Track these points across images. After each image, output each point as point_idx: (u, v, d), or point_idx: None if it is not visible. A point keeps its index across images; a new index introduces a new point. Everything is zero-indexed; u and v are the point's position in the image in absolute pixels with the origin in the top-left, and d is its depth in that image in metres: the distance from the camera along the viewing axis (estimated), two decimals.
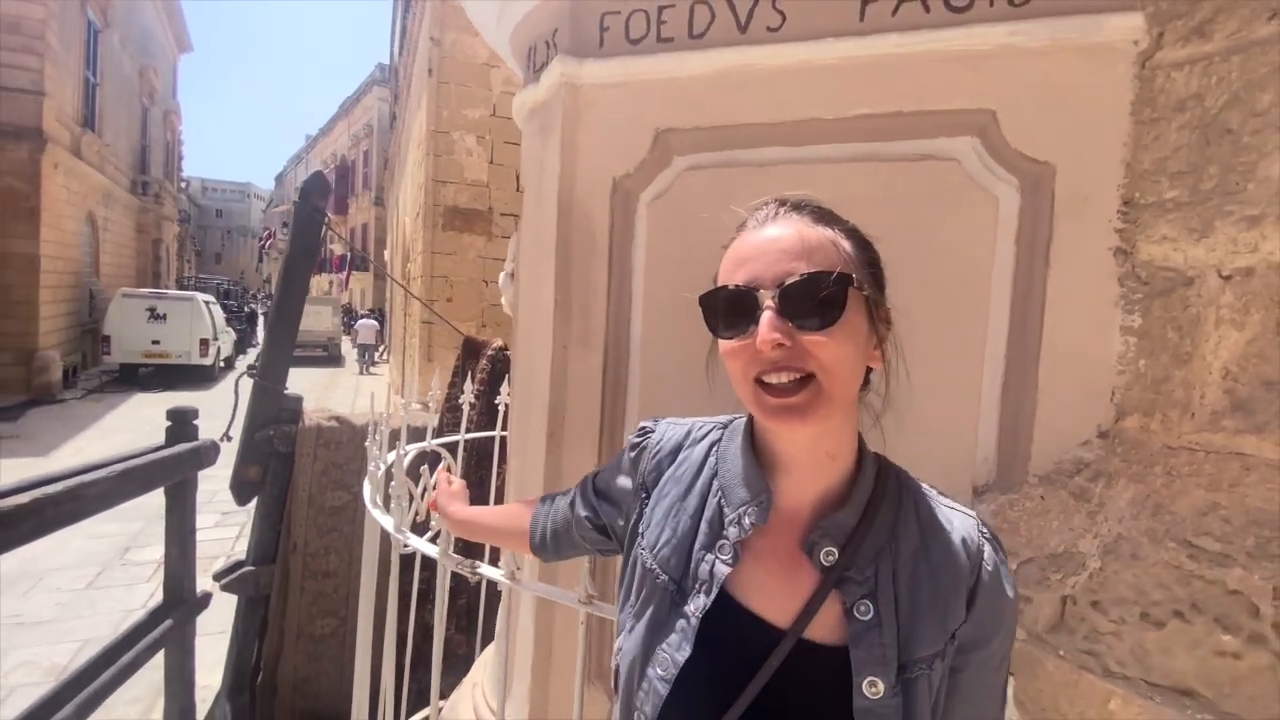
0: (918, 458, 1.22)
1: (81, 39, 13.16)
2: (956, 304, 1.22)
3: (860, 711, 0.57)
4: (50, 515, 1.32)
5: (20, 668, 3.39)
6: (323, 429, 2.66)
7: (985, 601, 0.61)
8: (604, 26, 1.43)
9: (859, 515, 0.62)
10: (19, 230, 10.86)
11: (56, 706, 1.49)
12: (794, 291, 0.57)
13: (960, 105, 1.20)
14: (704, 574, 0.64)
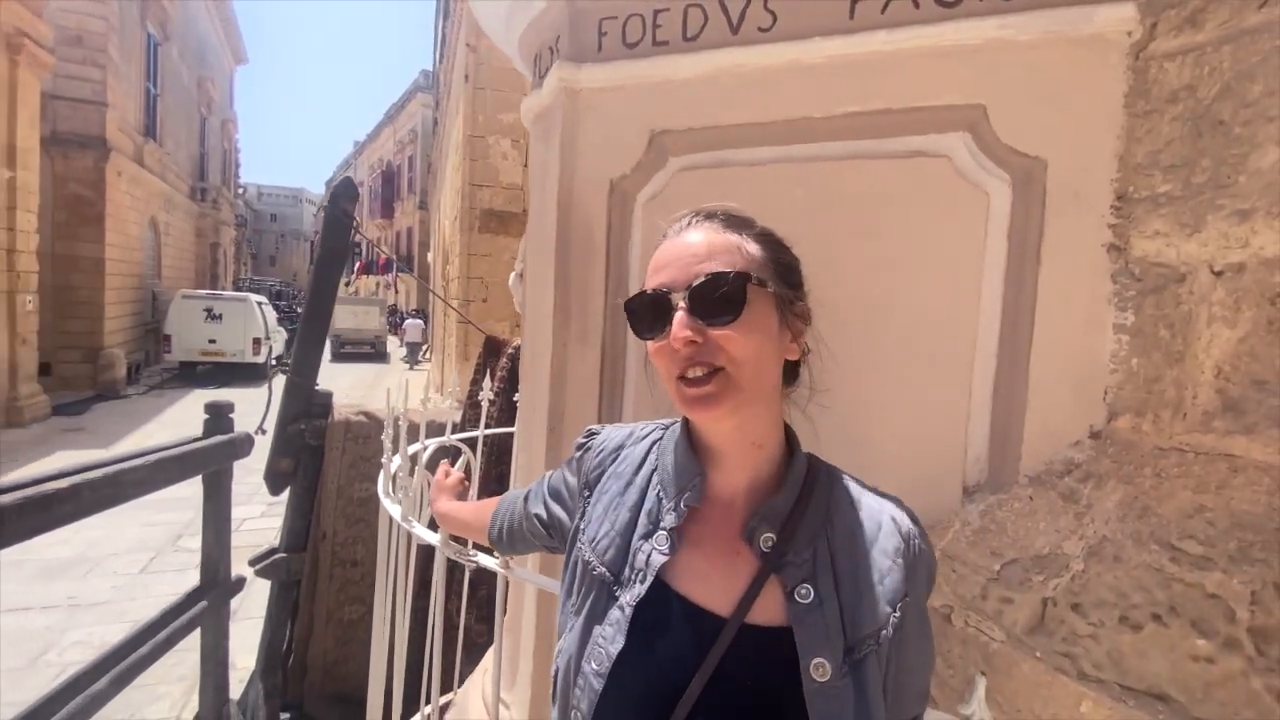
0: (908, 456, 1.23)
1: (142, 52, 13.91)
2: (947, 301, 1.21)
3: (811, 695, 0.57)
4: (87, 500, 1.43)
5: (76, 646, 3.63)
6: (351, 423, 2.78)
7: (921, 576, 0.65)
8: (602, 32, 1.47)
9: (794, 500, 0.64)
10: (86, 234, 11.55)
11: (95, 677, 1.60)
12: (700, 291, 0.61)
13: (950, 101, 1.19)
14: (640, 563, 0.65)
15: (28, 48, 8.69)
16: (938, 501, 1.22)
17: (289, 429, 2.52)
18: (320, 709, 2.69)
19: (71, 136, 11.34)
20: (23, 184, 8.90)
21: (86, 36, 11.36)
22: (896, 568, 0.62)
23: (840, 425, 1.24)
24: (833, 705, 0.57)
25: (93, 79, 11.56)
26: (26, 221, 9.11)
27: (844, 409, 1.26)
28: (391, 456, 1.73)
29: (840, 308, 1.25)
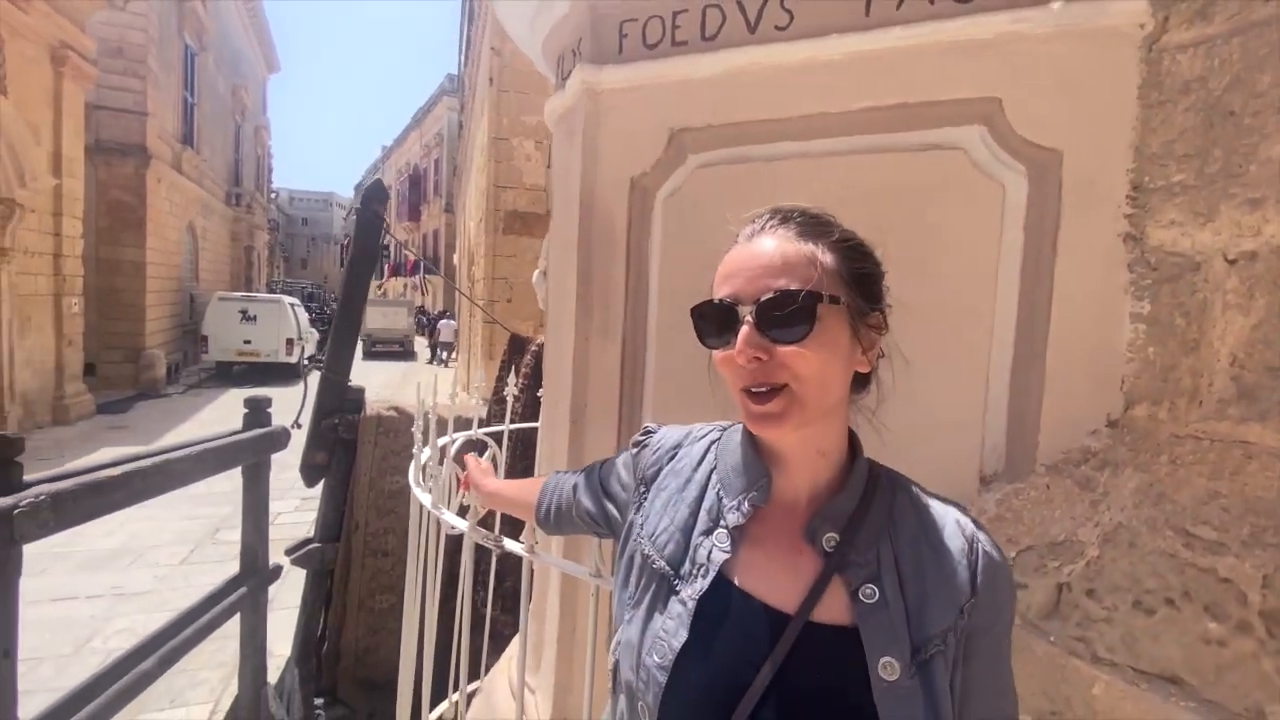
0: (924, 448, 1.24)
1: (180, 62, 14.37)
2: (964, 293, 1.23)
3: (880, 694, 0.56)
4: (138, 487, 1.52)
5: (121, 633, 3.79)
6: (382, 418, 2.87)
7: (989, 578, 0.62)
8: (623, 34, 1.51)
9: (857, 501, 0.64)
10: (128, 239, 11.98)
11: (141, 658, 1.70)
12: (768, 307, 0.59)
13: (965, 94, 1.21)
14: (701, 558, 0.65)
15: (72, 60, 9.05)
16: (955, 491, 1.22)
17: (323, 424, 2.62)
18: (352, 695, 2.78)
19: (114, 145, 11.77)
20: (69, 191, 9.27)
21: (127, 48, 11.78)
22: (961, 569, 0.61)
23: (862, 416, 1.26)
24: (903, 705, 0.56)
25: (133, 89, 11.98)
26: (72, 227, 9.49)
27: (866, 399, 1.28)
28: (422, 448, 1.79)
29: None
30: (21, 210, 7.92)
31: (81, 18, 9.25)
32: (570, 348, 1.64)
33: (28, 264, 8.48)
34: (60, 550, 4.56)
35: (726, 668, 0.60)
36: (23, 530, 1.15)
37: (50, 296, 9.11)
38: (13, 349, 8.09)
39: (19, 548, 1.18)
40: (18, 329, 8.21)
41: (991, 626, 0.62)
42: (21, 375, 8.34)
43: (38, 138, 8.43)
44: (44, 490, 1.21)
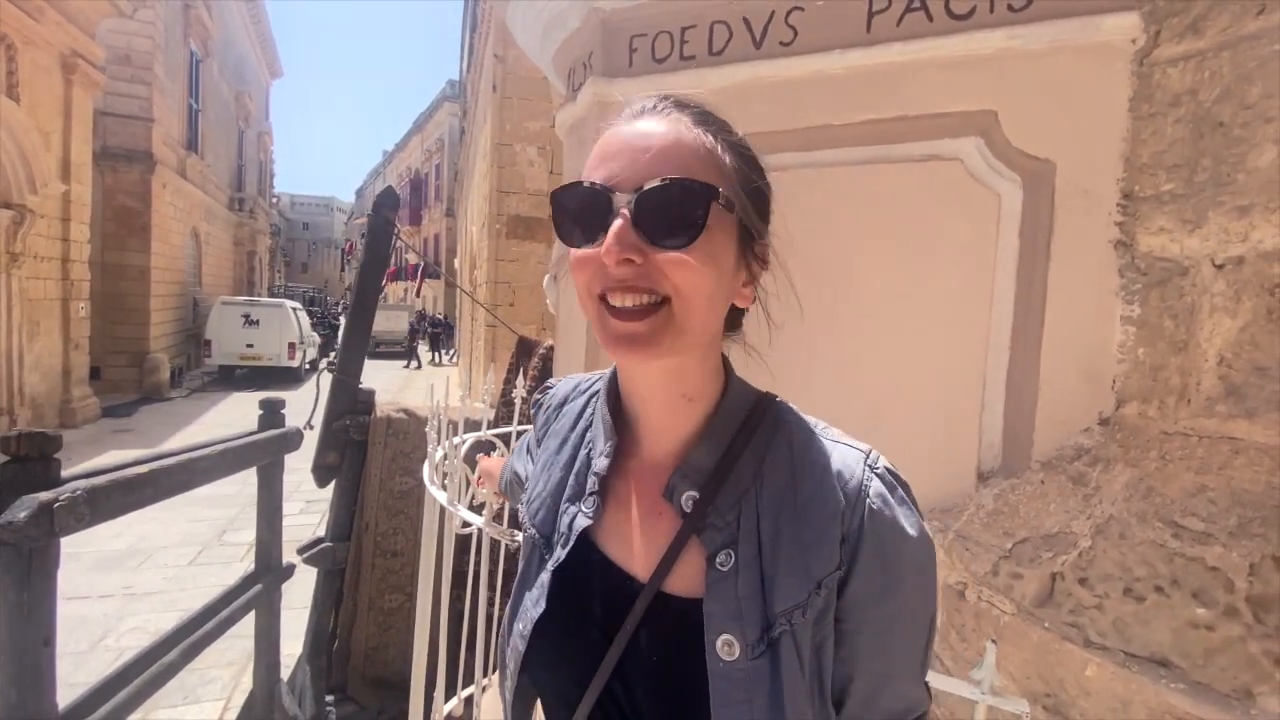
0: (923, 445, 1.30)
1: (185, 69, 14.48)
2: (961, 297, 1.28)
3: (715, 675, 0.49)
4: (165, 484, 1.57)
5: (132, 632, 3.84)
6: (392, 420, 2.92)
7: (872, 545, 0.52)
8: (633, 49, 1.56)
9: (719, 454, 0.55)
10: (133, 244, 12.05)
11: (166, 650, 1.74)
12: (653, 198, 0.48)
13: (962, 107, 1.26)
14: (564, 526, 0.60)
15: (81, 68, 9.14)
16: (954, 486, 1.28)
17: (335, 425, 2.67)
18: (362, 692, 2.82)
19: (120, 151, 11.86)
20: (76, 197, 9.35)
21: (134, 55, 11.87)
22: (829, 533, 0.51)
23: (860, 415, 1.31)
24: (736, 688, 0.49)
25: (140, 96, 12.07)
26: (80, 233, 9.56)
27: (864, 396, 1.34)
28: (436, 447, 1.84)
29: (859, 303, 1.33)
30: (32, 216, 7.99)
31: (91, 26, 9.35)
32: (582, 350, 1.69)
33: (37, 269, 8.55)
34: (72, 551, 4.59)
35: (584, 639, 0.56)
36: (61, 523, 1.21)
37: (58, 301, 9.18)
38: (22, 353, 8.15)
39: (58, 540, 1.23)
40: (27, 333, 8.27)
41: (880, 602, 0.52)
42: (30, 379, 8.40)
43: (48, 144, 8.51)
44: (80, 485, 1.27)
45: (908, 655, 0.56)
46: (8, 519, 1.16)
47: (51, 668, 1.24)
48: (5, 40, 7.59)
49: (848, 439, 0.57)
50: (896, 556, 0.52)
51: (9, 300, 7.90)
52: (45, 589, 1.22)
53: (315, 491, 3.32)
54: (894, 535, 0.52)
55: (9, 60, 7.69)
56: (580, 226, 0.52)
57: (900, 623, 0.54)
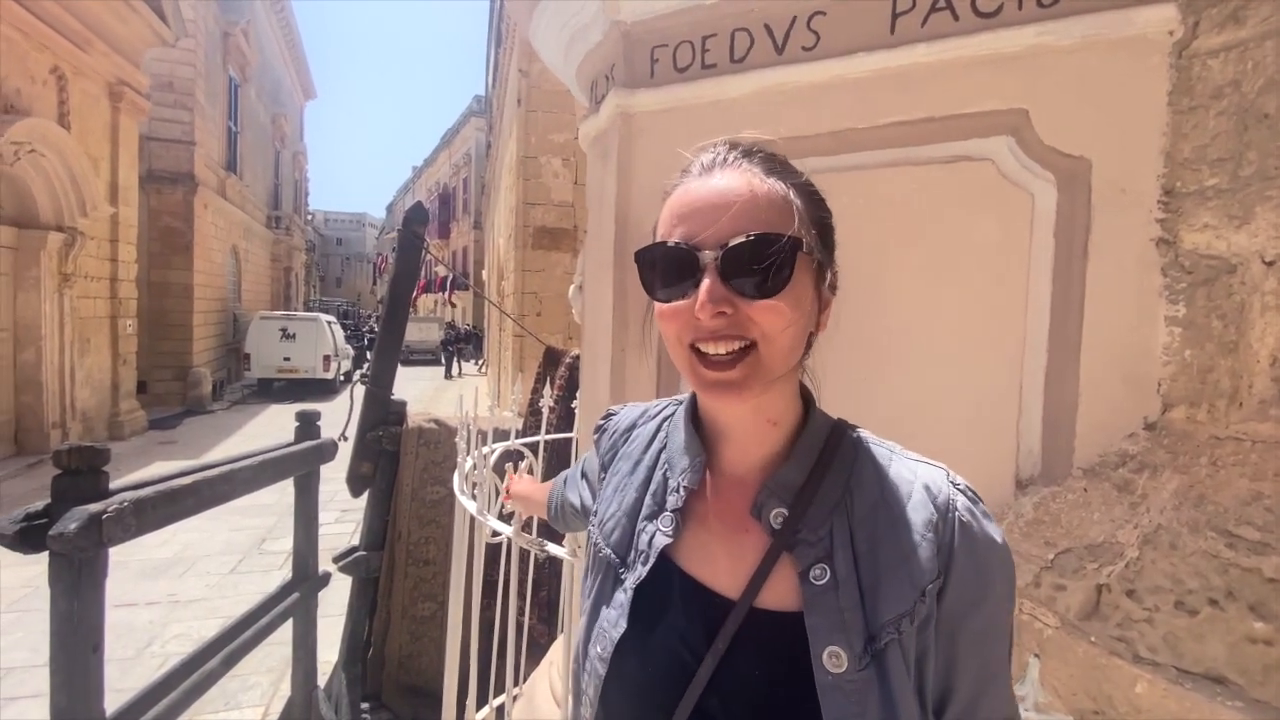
0: (959, 451, 1.26)
1: (224, 94, 15.04)
2: (994, 299, 1.25)
3: (823, 688, 0.50)
4: (207, 495, 1.62)
5: (176, 639, 3.95)
6: (423, 430, 2.96)
7: (965, 555, 0.54)
8: (654, 59, 1.57)
9: (807, 472, 0.57)
10: (177, 263, 12.52)
11: (208, 657, 1.79)
12: (739, 254, 0.51)
13: (992, 106, 1.24)
14: (643, 545, 0.61)
15: (128, 95, 9.56)
16: (991, 495, 1.24)
17: (368, 435, 2.72)
18: (396, 700, 2.85)
19: (164, 174, 12.35)
20: (124, 219, 9.76)
21: (177, 82, 12.38)
22: (926, 543, 0.53)
23: (893, 421, 1.29)
24: (849, 700, 0.50)
25: (182, 120, 12.57)
26: (127, 253, 9.97)
27: (896, 405, 1.31)
28: (466, 457, 1.86)
29: (889, 308, 1.31)
30: (83, 238, 8.37)
31: (137, 56, 9.78)
32: (608, 360, 1.70)
33: (87, 288, 8.93)
34: (120, 559, 4.77)
35: (667, 658, 0.56)
36: (110, 533, 1.25)
37: (107, 319, 9.57)
38: (73, 368, 8.51)
39: (106, 550, 1.27)
40: (78, 350, 8.64)
41: (976, 609, 0.54)
42: (81, 393, 8.76)
43: (97, 169, 8.91)
44: (127, 497, 1.31)
45: (1001, 662, 0.57)
46: (59, 530, 1.21)
47: (100, 674, 1.28)
48: (57, 71, 7.99)
49: (924, 458, 0.61)
50: (987, 565, 0.55)
51: (61, 318, 8.27)
52: (94, 598, 1.27)
53: (350, 501, 3.39)
54: (984, 545, 0.55)
55: (60, 90, 8.09)
56: (666, 283, 0.55)
57: (993, 630, 0.56)
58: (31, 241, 7.87)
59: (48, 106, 7.85)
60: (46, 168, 7.74)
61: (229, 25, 14.84)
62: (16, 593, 4.44)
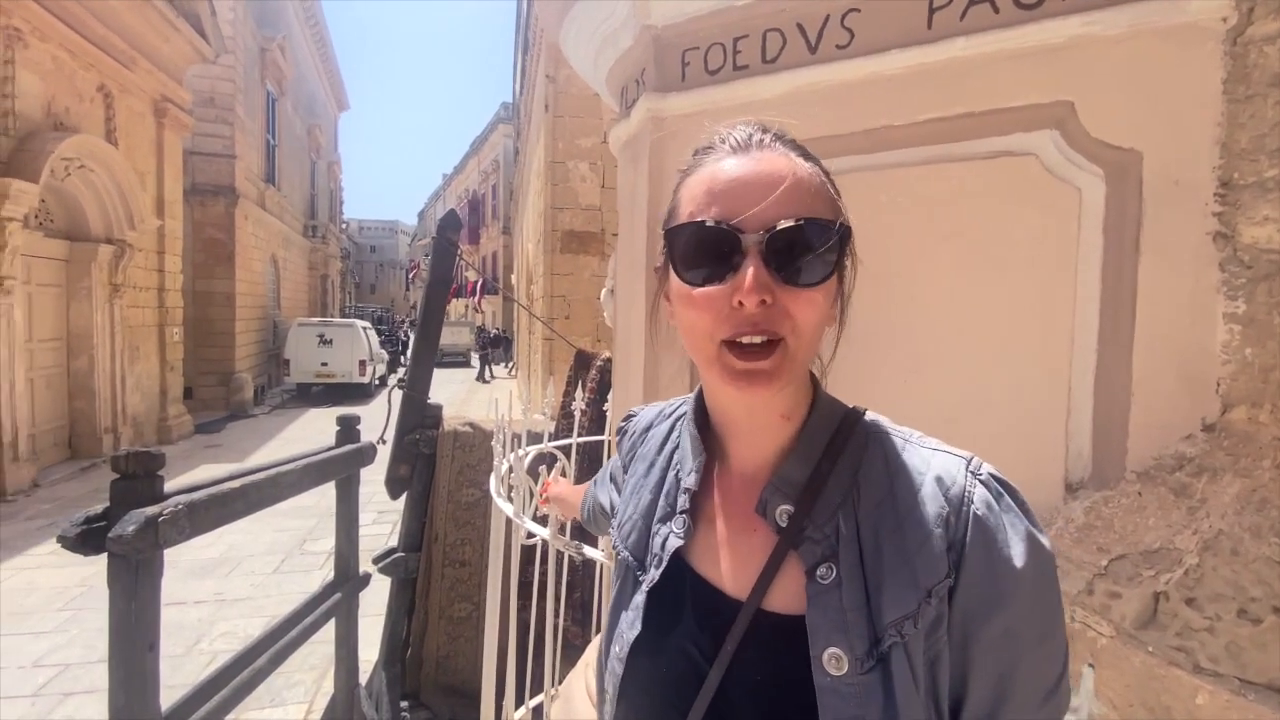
0: (1002, 453, 1.23)
1: (263, 108, 15.52)
2: (1040, 297, 1.22)
3: (822, 690, 0.48)
4: (254, 498, 1.67)
5: (223, 636, 4.09)
6: (458, 433, 3.01)
7: (979, 552, 0.50)
8: (685, 62, 1.57)
9: (813, 466, 0.55)
10: (219, 272, 12.95)
11: (256, 656, 1.84)
12: (786, 239, 0.49)
13: (1035, 100, 1.21)
14: (657, 547, 0.60)
15: (171, 112, 9.93)
16: (1038, 499, 1.21)
17: (406, 439, 2.77)
18: (434, 699, 2.90)
19: (207, 186, 12.79)
20: (170, 231, 10.13)
21: (218, 98, 12.81)
22: (934, 539, 0.50)
23: (934, 424, 1.26)
24: (847, 703, 0.48)
25: (223, 135, 13.01)
26: (173, 264, 10.35)
27: (937, 407, 1.29)
28: (502, 460, 1.88)
29: (928, 308, 1.28)
30: (131, 250, 8.71)
31: (179, 73, 10.16)
32: (640, 362, 1.70)
33: (136, 298, 9.29)
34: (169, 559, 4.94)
35: (679, 660, 0.55)
36: (165, 536, 1.30)
37: (155, 327, 9.95)
38: (124, 375, 8.86)
39: (161, 551, 1.32)
40: (128, 357, 8.99)
41: (994, 611, 0.50)
42: (132, 399, 9.12)
43: (144, 183, 9.27)
44: (181, 500, 1.36)
45: (1030, 672, 0.51)
46: (118, 533, 1.26)
47: (156, 672, 1.33)
48: (103, 89, 8.34)
49: (947, 446, 0.56)
50: (1006, 565, 0.50)
51: (112, 327, 8.62)
52: (150, 598, 1.32)
53: (387, 502, 3.46)
54: (1002, 543, 0.50)
55: (107, 108, 8.44)
56: (699, 264, 0.51)
57: (1018, 636, 0.50)
58: (83, 254, 8.22)
59: (96, 123, 8.19)
60: (96, 183, 8.09)
61: (266, 41, 15.30)
62: (72, 591, 4.64)
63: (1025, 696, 0.52)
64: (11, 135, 6.62)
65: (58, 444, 8.05)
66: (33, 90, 6.98)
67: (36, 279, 7.54)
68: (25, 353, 7.07)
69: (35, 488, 7.00)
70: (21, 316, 6.95)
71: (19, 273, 6.80)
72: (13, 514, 6.26)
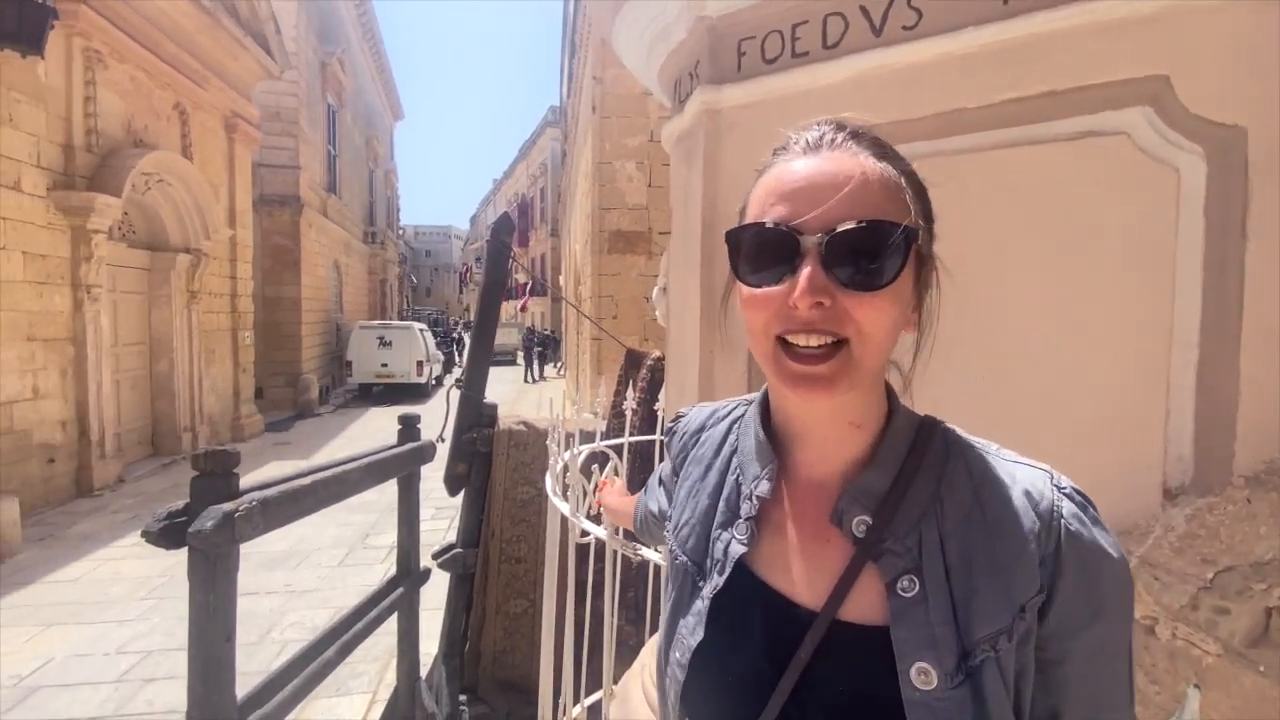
0: (1092, 456, 1.15)
1: (324, 120, 16.18)
2: (1134, 289, 1.13)
3: (911, 705, 0.47)
4: (323, 494, 1.72)
5: (293, 626, 4.27)
6: (513, 432, 3.05)
7: (1074, 568, 0.49)
8: (741, 52, 1.54)
9: (892, 477, 0.53)
10: (286, 278, 13.58)
11: (325, 647, 1.90)
12: (847, 241, 0.47)
13: (1125, 75, 1.12)
14: (719, 553, 0.59)
15: (241, 127, 10.47)
16: (1133, 505, 1.13)
17: (464, 437, 2.83)
18: (491, 693, 2.94)
19: (274, 197, 13.43)
20: (241, 240, 10.68)
21: (283, 112, 13.43)
22: (1026, 554, 0.49)
23: (1015, 427, 1.19)
24: (938, 718, 0.47)
25: (288, 147, 13.63)
26: (244, 271, 10.91)
27: (1021, 408, 1.21)
28: (558, 459, 1.89)
29: (1010, 301, 1.21)
30: (206, 259, 9.23)
31: (248, 89, 10.69)
32: (695, 361, 1.67)
33: (211, 304, 9.84)
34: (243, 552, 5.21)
35: (747, 668, 0.55)
36: (241, 531, 1.35)
37: (229, 331, 10.50)
38: (201, 377, 9.39)
39: (237, 546, 1.38)
40: (204, 360, 9.53)
41: (1086, 627, 0.50)
42: (208, 400, 9.66)
43: (217, 195, 9.80)
44: (255, 497, 1.42)
45: (1117, 684, 0.52)
46: (197, 528, 1.32)
47: (232, 661, 1.39)
48: (179, 107, 8.85)
49: (1025, 459, 0.55)
50: (1099, 579, 0.50)
51: (189, 331, 9.14)
52: (227, 590, 1.37)
53: (444, 498, 3.53)
54: (1095, 557, 0.50)
55: (183, 124, 8.96)
56: (759, 266, 0.51)
57: (1108, 650, 0.51)
58: (163, 263, 8.75)
59: (172, 140, 8.71)
60: (173, 196, 8.59)
61: (326, 55, 15.95)
62: (154, 581, 4.93)
63: (1117, 706, 0.53)
64: (96, 152, 7.09)
65: (141, 442, 8.60)
66: (114, 109, 7.47)
67: (121, 287, 8.06)
68: (111, 356, 7.58)
69: (120, 483, 7.49)
70: (108, 322, 7.45)
71: (105, 281, 7.28)
72: (100, 508, 6.71)
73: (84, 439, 6.95)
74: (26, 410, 6.24)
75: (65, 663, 3.81)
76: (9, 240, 6.01)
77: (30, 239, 6.27)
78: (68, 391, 6.78)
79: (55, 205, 6.56)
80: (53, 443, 6.59)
